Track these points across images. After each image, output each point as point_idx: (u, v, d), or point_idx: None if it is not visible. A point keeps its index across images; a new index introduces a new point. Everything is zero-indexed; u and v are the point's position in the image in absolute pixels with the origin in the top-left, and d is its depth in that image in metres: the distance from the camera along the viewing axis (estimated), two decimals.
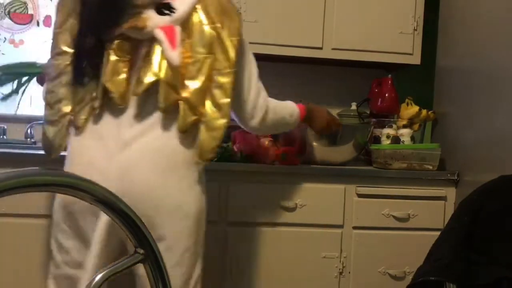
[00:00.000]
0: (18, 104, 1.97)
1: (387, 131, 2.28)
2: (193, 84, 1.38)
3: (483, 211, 1.55)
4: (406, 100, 2.43)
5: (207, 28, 1.39)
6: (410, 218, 2.10)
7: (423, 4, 2.39)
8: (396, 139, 2.26)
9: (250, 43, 2.27)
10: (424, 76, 2.50)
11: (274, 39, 2.30)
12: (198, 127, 1.40)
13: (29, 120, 2.39)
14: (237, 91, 1.46)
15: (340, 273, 2.07)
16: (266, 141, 2.06)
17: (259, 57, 2.45)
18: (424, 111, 2.39)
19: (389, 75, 2.49)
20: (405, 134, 2.27)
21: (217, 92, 1.40)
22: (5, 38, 2.48)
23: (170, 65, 1.36)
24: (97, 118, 1.40)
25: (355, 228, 2.08)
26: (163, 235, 1.36)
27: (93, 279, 0.64)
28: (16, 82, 1.94)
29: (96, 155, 1.36)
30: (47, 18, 2.51)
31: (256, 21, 2.27)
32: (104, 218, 1.32)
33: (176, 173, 1.39)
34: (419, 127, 2.41)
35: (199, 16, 1.39)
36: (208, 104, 1.40)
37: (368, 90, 2.53)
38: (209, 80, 1.39)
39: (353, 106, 2.48)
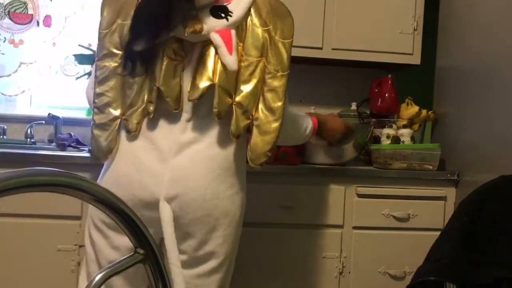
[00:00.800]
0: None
1: (387, 131, 2.29)
2: (246, 88, 1.37)
3: (483, 211, 1.55)
4: (406, 100, 2.43)
5: (259, 31, 1.38)
6: (410, 218, 2.10)
7: (423, 4, 2.39)
8: (396, 139, 2.25)
9: None
10: (424, 76, 2.50)
11: None
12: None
13: (29, 120, 2.39)
14: None
15: (340, 273, 2.07)
16: None
17: None
18: (424, 111, 2.39)
19: (389, 75, 2.49)
20: (405, 134, 2.27)
21: (269, 96, 1.38)
22: (5, 38, 2.48)
23: (225, 70, 1.34)
24: (150, 122, 1.38)
25: (355, 228, 2.08)
26: (208, 240, 1.38)
27: (93, 279, 0.64)
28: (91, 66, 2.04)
29: (149, 158, 1.35)
30: (47, 18, 2.51)
31: None
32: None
33: (227, 180, 1.39)
34: (419, 127, 2.41)
35: (253, 19, 1.39)
36: (261, 107, 1.38)
37: (368, 90, 2.53)
38: (262, 83, 1.38)
39: (353, 106, 2.48)
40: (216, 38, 1.33)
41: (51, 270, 1.89)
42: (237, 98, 1.37)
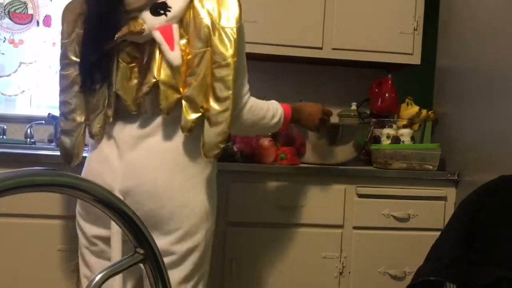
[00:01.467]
0: None
1: (387, 131, 2.29)
2: (193, 81, 1.36)
3: (483, 211, 1.55)
4: (406, 100, 2.43)
5: (204, 21, 1.36)
6: (410, 218, 2.10)
7: (423, 4, 2.39)
8: (396, 139, 2.25)
9: (250, 43, 2.29)
10: (424, 76, 2.50)
11: (274, 39, 2.30)
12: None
13: (29, 120, 2.39)
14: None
15: (340, 273, 2.07)
16: (266, 141, 2.06)
17: (259, 57, 2.46)
18: (424, 111, 2.39)
19: (389, 75, 2.49)
20: (405, 134, 2.27)
21: (218, 86, 1.36)
22: (5, 38, 2.48)
23: (169, 66, 1.35)
24: (111, 124, 1.44)
25: (355, 228, 2.08)
26: (166, 234, 1.37)
27: (93, 279, 0.64)
28: None
29: (109, 154, 1.41)
30: (47, 18, 2.51)
31: (256, 21, 2.27)
32: None
33: (183, 172, 1.39)
34: (419, 127, 2.41)
35: (196, 10, 1.37)
36: (210, 99, 1.36)
37: (368, 90, 2.53)
38: (209, 74, 1.36)
39: (353, 106, 2.48)
40: (157, 35, 1.34)
41: (51, 270, 1.89)
42: (186, 92, 1.36)
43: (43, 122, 2.37)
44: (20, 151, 1.99)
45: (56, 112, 2.37)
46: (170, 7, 1.35)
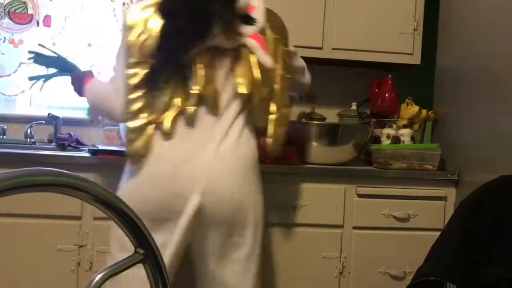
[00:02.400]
0: (41, 88, 2.03)
1: (387, 131, 2.28)
2: (268, 85, 1.55)
3: (483, 211, 1.55)
4: (406, 100, 2.43)
5: (273, 38, 1.57)
6: (410, 218, 2.10)
7: (423, 4, 2.39)
8: (396, 139, 2.25)
9: None
10: (424, 76, 2.50)
11: None
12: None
13: (29, 120, 2.39)
14: None
15: (340, 273, 2.07)
16: (266, 141, 2.06)
17: None
18: (424, 111, 2.39)
19: (389, 75, 2.49)
20: (405, 134, 2.27)
21: (281, 93, 1.59)
22: (4, 38, 2.48)
23: (260, 69, 1.50)
24: (183, 124, 1.49)
25: (355, 228, 2.08)
26: (241, 235, 1.50)
27: (93, 279, 0.64)
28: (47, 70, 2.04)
29: (186, 156, 1.46)
30: (47, 18, 2.51)
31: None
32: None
33: (252, 176, 1.54)
34: (419, 127, 2.41)
35: (267, 27, 1.56)
36: (277, 103, 1.58)
37: (368, 90, 2.53)
38: (275, 82, 1.57)
39: (353, 106, 2.48)
40: (252, 42, 1.49)
41: (51, 270, 1.89)
42: (264, 94, 1.55)
43: (43, 122, 2.37)
44: (20, 151, 1.99)
45: (56, 112, 2.39)
46: (256, 19, 1.51)
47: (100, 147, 2.05)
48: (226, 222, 1.47)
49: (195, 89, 1.47)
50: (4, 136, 2.34)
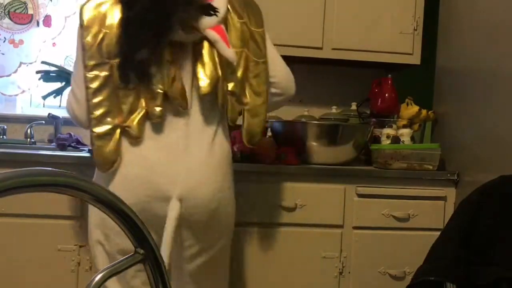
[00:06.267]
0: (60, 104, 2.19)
1: (387, 131, 2.28)
2: (235, 77, 1.48)
3: (483, 211, 1.55)
4: (406, 100, 2.43)
5: (238, 23, 1.49)
6: (410, 218, 2.10)
7: (423, 4, 2.39)
8: (396, 139, 2.25)
9: None
10: (424, 76, 2.50)
11: (274, 39, 2.29)
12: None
13: (29, 120, 2.39)
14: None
15: (340, 273, 2.07)
16: (265, 141, 2.06)
17: None
18: (424, 111, 2.39)
19: (389, 75, 2.49)
20: (405, 134, 2.27)
21: (255, 81, 1.51)
22: (5, 38, 2.48)
23: (221, 62, 1.43)
24: (156, 125, 1.42)
25: (355, 228, 2.08)
26: (218, 232, 1.49)
27: (93, 279, 0.64)
28: (61, 84, 2.16)
29: (157, 159, 1.40)
30: (47, 18, 2.51)
31: None
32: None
33: (227, 172, 1.50)
34: (419, 127, 2.41)
35: (230, 13, 1.48)
36: (248, 93, 1.51)
37: (368, 90, 2.53)
38: (247, 71, 1.49)
39: (353, 106, 2.48)
40: (213, 34, 1.40)
41: (51, 270, 1.89)
42: (230, 88, 1.48)
43: (43, 122, 2.37)
44: (20, 151, 1.99)
45: (56, 112, 2.39)
46: (217, 9, 1.40)
47: None
48: (202, 226, 1.44)
49: (160, 88, 1.39)
50: (4, 136, 2.34)
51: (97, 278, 0.64)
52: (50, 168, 0.58)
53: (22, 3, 2.49)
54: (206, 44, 1.42)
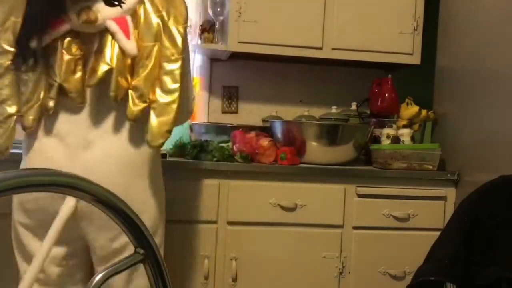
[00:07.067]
0: None
1: (387, 131, 2.28)
2: (141, 72, 1.39)
3: (483, 211, 1.55)
4: (406, 100, 2.43)
5: (153, 17, 1.40)
6: (410, 218, 2.10)
7: (423, 4, 2.39)
8: (396, 139, 2.25)
9: (250, 43, 2.30)
10: (424, 76, 2.50)
11: (274, 39, 2.30)
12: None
13: None
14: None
15: (340, 273, 2.07)
16: (266, 141, 2.06)
17: (259, 57, 2.46)
18: (424, 111, 2.39)
19: (389, 75, 2.49)
20: (405, 134, 2.27)
21: (166, 79, 1.40)
22: None
23: (122, 55, 1.36)
24: (54, 118, 1.39)
25: (355, 228, 2.08)
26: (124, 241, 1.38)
27: (93, 279, 0.64)
28: None
29: (57, 155, 1.37)
30: None
31: (256, 21, 2.27)
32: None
33: (138, 171, 1.42)
34: (419, 127, 2.41)
35: (145, 5, 1.41)
36: (158, 91, 1.40)
37: (368, 90, 2.53)
38: (158, 67, 1.40)
39: (353, 106, 2.49)
40: (111, 25, 1.35)
41: None
42: (133, 82, 1.39)
43: None
44: (20, 151, 1.99)
45: None
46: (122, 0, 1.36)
47: None
48: (107, 226, 1.37)
49: (55, 80, 1.36)
50: None
51: (97, 278, 0.64)
52: (50, 168, 0.58)
53: None
54: (109, 36, 1.37)
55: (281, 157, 2.06)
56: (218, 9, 2.37)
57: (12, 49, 1.37)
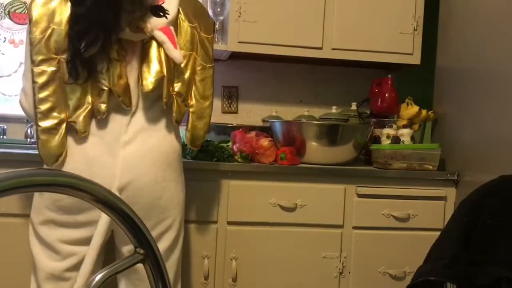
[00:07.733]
0: None
1: (387, 131, 2.28)
2: (182, 79, 1.52)
3: (483, 211, 1.54)
4: (406, 100, 2.43)
5: (189, 27, 1.53)
6: (410, 218, 2.10)
7: (423, 4, 2.39)
8: (396, 139, 2.25)
9: (250, 43, 2.30)
10: (424, 76, 2.50)
11: (274, 39, 2.30)
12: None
13: (29, 120, 2.39)
14: None
15: (340, 273, 2.07)
16: (266, 141, 2.06)
17: (259, 57, 2.46)
18: (424, 111, 2.38)
19: (389, 75, 2.49)
20: (405, 134, 2.27)
21: (201, 85, 1.57)
22: (5, 38, 2.48)
23: (168, 63, 1.46)
24: (100, 120, 1.46)
25: (355, 228, 2.08)
26: (161, 222, 1.50)
27: (93, 278, 0.64)
28: None
29: (98, 153, 1.44)
30: None
31: (256, 21, 2.27)
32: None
33: (171, 165, 1.52)
34: (419, 127, 2.41)
35: (181, 16, 1.52)
36: (194, 95, 1.57)
37: (368, 90, 2.53)
38: (194, 74, 1.54)
39: (353, 106, 2.48)
40: (160, 35, 1.44)
41: None
42: (176, 88, 1.52)
43: None
44: (20, 151, 1.99)
45: None
46: (167, 11, 1.44)
47: None
48: (143, 214, 1.41)
49: (105, 85, 1.42)
50: (4, 136, 2.34)
51: (97, 278, 0.64)
52: (50, 168, 0.58)
53: (22, 3, 2.49)
54: (154, 44, 1.46)
55: (281, 157, 2.06)
56: (218, 9, 2.37)
57: (56, 57, 1.42)
